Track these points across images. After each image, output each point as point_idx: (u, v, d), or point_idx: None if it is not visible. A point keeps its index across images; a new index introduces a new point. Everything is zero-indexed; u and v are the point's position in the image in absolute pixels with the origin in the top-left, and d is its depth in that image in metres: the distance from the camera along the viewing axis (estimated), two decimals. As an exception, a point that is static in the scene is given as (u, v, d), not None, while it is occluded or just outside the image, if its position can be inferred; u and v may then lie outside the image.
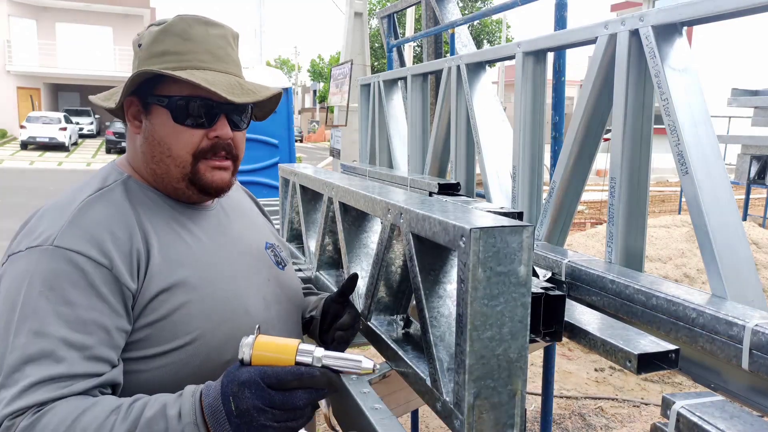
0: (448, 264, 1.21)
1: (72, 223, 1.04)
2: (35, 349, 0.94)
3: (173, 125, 1.13)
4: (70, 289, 0.98)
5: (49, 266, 0.99)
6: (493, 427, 1.01)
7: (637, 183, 1.52)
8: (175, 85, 1.12)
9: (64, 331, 0.96)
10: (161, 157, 1.15)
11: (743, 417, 0.88)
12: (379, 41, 25.26)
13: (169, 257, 1.10)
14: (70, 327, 0.97)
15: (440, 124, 2.54)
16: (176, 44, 1.13)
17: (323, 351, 0.95)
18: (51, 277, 0.99)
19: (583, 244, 6.82)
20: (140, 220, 1.10)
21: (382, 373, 1.44)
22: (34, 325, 0.95)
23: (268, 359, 0.93)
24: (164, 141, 1.14)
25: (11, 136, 28.36)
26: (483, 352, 0.98)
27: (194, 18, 1.15)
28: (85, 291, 0.99)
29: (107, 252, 1.03)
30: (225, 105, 1.14)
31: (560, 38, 1.78)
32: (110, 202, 1.10)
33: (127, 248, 1.05)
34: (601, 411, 4.21)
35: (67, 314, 0.97)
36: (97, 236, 1.03)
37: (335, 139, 6.45)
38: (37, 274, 0.99)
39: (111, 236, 1.04)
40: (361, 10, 11.54)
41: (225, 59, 1.17)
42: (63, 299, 0.98)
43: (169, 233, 1.13)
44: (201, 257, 1.15)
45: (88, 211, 1.07)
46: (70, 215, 1.05)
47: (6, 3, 28.74)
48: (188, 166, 1.14)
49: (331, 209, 1.75)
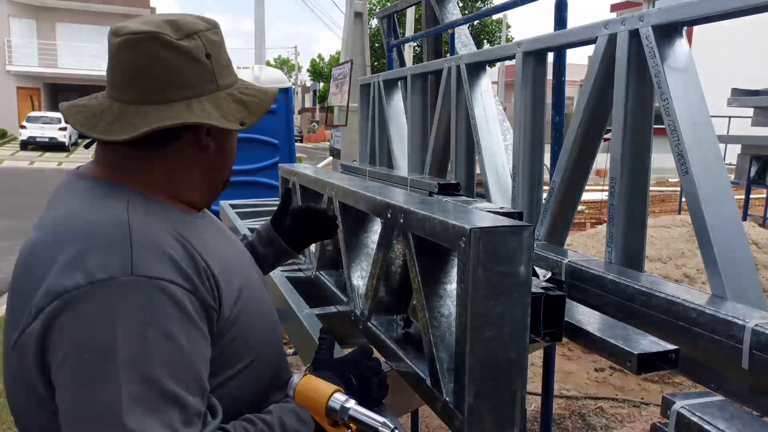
0: (448, 264, 1.21)
1: (139, 247, 0.89)
2: (154, 399, 0.82)
3: (235, 137, 1.14)
4: (168, 323, 0.86)
5: (138, 300, 0.85)
6: (493, 427, 1.01)
7: (637, 183, 1.52)
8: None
9: (177, 371, 0.86)
10: (224, 163, 1.13)
11: (743, 417, 0.88)
12: (379, 41, 25.24)
13: (221, 269, 0.99)
14: (181, 366, 0.87)
15: (440, 124, 2.54)
16: (228, 54, 1.08)
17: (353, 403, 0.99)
18: (145, 311, 0.85)
19: (583, 244, 6.82)
20: (182, 234, 0.97)
21: (382, 373, 1.44)
22: (144, 370, 0.83)
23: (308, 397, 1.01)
24: (232, 148, 1.14)
25: (11, 136, 28.35)
26: (483, 353, 0.98)
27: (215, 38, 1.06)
28: (182, 321, 0.88)
29: (187, 275, 0.91)
30: None
31: (560, 38, 1.78)
32: (152, 219, 0.96)
33: (194, 267, 0.94)
34: (601, 411, 4.21)
35: (175, 352, 0.86)
36: (171, 259, 0.91)
37: (335, 139, 6.45)
38: (125, 311, 0.84)
39: (179, 257, 0.92)
40: (361, 10, 11.54)
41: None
42: (165, 335, 0.86)
43: (204, 243, 1.01)
44: (233, 262, 1.08)
45: (144, 231, 0.92)
46: (128, 238, 0.89)
47: (6, 3, 28.73)
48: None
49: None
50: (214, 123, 0.99)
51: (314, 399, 1.04)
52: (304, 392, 1.05)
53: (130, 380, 0.81)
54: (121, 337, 0.83)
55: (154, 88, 0.98)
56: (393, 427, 0.97)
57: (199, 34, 1.01)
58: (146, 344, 0.84)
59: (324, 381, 1.06)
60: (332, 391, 1.03)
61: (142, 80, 0.98)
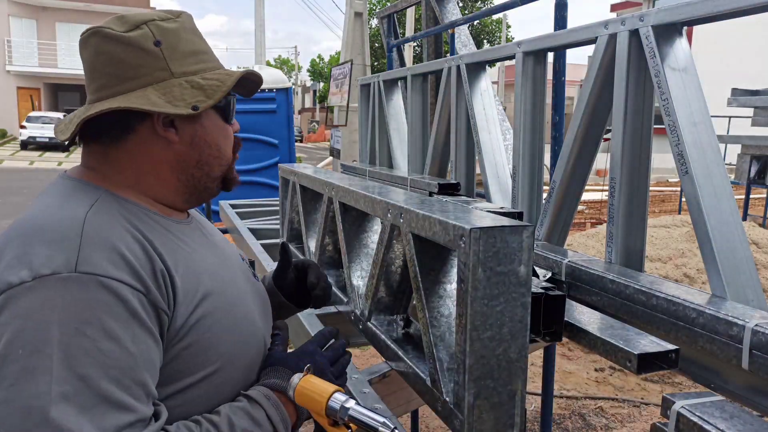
0: (448, 264, 1.21)
1: (88, 244, 0.87)
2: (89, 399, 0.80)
3: (222, 125, 1.08)
4: (111, 322, 0.84)
5: (79, 297, 0.83)
6: (493, 427, 1.01)
7: (637, 183, 1.52)
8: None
9: (117, 372, 0.83)
10: (208, 159, 1.07)
11: (743, 417, 0.88)
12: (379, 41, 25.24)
13: (185, 274, 0.97)
14: (122, 367, 0.84)
15: (440, 124, 2.54)
16: (200, 43, 1.06)
17: (353, 403, 0.99)
18: (87, 309, 0.83)
19: (583, 244, 6.82)
20: (145, 235, 0.95)
21: (382, 373, 1.44)
22: (80, 370, 0.80)
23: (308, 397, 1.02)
24: (216, 142, 1.07)
25: (11, 136, 28.36)
26: (483, 352, 0.98)
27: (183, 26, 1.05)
28: (128, 321, 0.85)
29: (139, 275, 0.88)
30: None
31: (560, 38, 1.78)
32: (112, 218, 0.94)
33: (151, 269, 0.91)
34: (601, 411, 4.21)
35: (116, 353, 0.83)
36: (122, 258, 0.88)
37: (335, 139, 6.45)
38: (67, 308, 0.82)
39: (134, 257, 0.90)
40: (361, 10, 11.54)
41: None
42: (106, 335, 0.83)
43: (171, 246, 0.99)
44: (209, 267, 1.04)
45: (99, 229, 0.90)
46: (79, 234, 0.88)
47: (6, 3, 28.73)
48: (229, 163, 1.11)
49: (331, 209, 1.75)
50: (148, 108, 0.95)
51: (314, 399, 1.04)
52: (303, 392, 1.05)
53: (63, 378, 0.79)
54: (58, 334, 0.80)
55: (104, 83, 0.98)
56: (393, 427, 0.97)
57: (148, 23, 0.99)
58: (84, 342, 0.81)
59: (324, 381, 1.06)
60: (332, 390, 1.03)
61: (94, 76, 0.99)
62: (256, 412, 0.98)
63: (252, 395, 1.00)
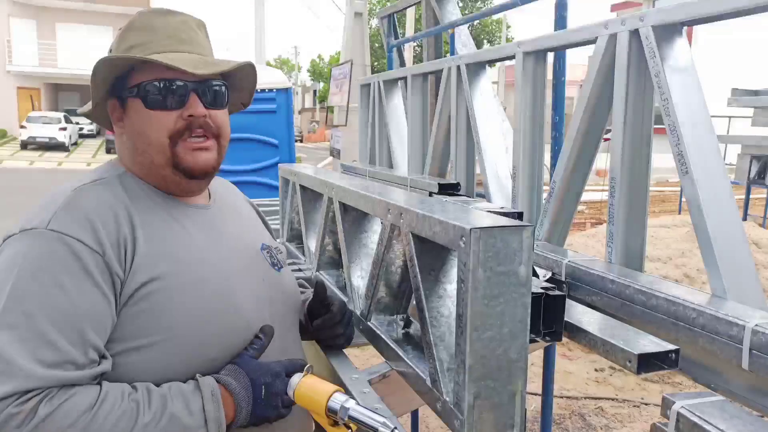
0: (448, 264, 1.21)
1: (65, 209, 1.04)
2: (28, 332, 0.92)
3: (146, 112, 1.14)
4: (63, 274, 0.98)
5: (42, 249, 0.99)
6: (493, 427, 1.01)
7: (637, 183, 1.52)
8: (142, 74, 1.14)
9: (58, 316, 0.95)
10: (143, 147, 1.15)
11: (743, 417, 0.88)
12: (379, 41, 25.21)
13: (156, 250, 1.08)
14: (64, 313, 0.96)
15: (440, 124, 2.54)
16: (139, 37, 1.15)
17: (353, 403, 1.01)
18: (45, 259, 0.98)
19: (583, 244, 6.82)
20: (130, 211, 1.10)
21: (382, 373, 1.44)
22: (26, 307, 0.94)
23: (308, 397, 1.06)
24: (142, 130, 1.15)
25: (11, 136, 28.35)
26: (483, 352, 0.98)
27: (154, 10, 1.19)
28: (79, 276, 0.99)
29: (100, 239, 1.03)
30: (193, 83, 1.14)
31: (560, 38, 1.78)
32: (102, 192, 1.11)
33: (115, 237, 1.05)
34: (601, 411, 4.21)
35: (61, 300, 0.96)
36: (89, 223, 1.03)
37: (335, 139, 6.45)
38: (30, 256, 0.99)
39: (102, 224, 1.04)
40: (361, 10, 11.54)
41: (189, 42, 1.18)
42: (56, 283, 0.97)
43: (161, 227, 1.12)
44: (192, 253, 1.14)
45: (80, 198, 1.07)
46: (63, 201, 1.06)
47: (6, 3, 28.72)
48: (167, 150, 1.14)
49: (331, 209, 1.75)
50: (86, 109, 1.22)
51: (314, 399, 1.04)
52: (303, 392, 1.05)
53: (10, 311, 0.94)
54: (16, 275, 0.97)
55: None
56: (393, 427, 0.97)
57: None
58: (34, 285, 0.96)
59: (324, 381, 1.06)
60: (332, 391, 1.03)
61: None
62: (194, 402, 1.02)
63: (200, 383, 1.05)
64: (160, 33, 1.15)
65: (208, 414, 1.02)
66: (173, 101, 1.13)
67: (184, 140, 1.15)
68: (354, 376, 1.37)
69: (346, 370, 1.40)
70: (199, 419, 1.01)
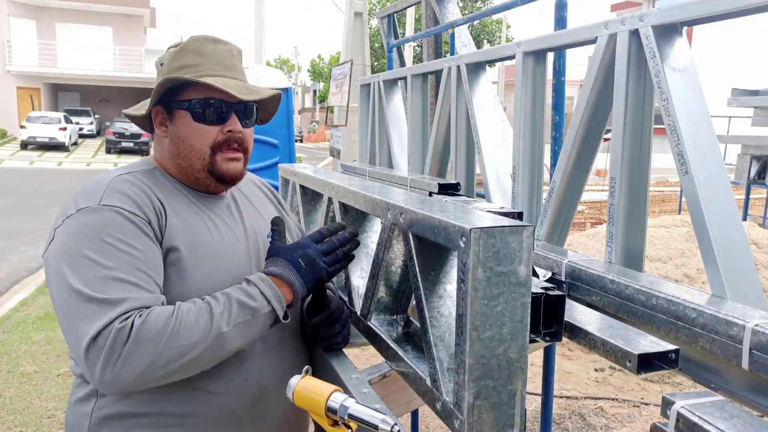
0: (448, 264, 1.21)
1: (110, 192, 1.27)
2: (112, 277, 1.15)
3: (193, 124, 1.35)
4: (124, 234, 1.21)
5: (103, 218, 1.22)
6: (493, 426, 1.01)
7: (637, 183, 1.52)
8: (193, 91, 1.35)
9: (134, 261, 1.19)
10: (185, 153, 1.37)
11: (743, 417, 0.88)
12: (379, 41, 25.22)
13: (180, 225, 1.30)
14: (135, 260, 1.19)
15: (440, 124, 2.54)
16: (192, 59, 1.36)
17: (353, 402, 1.03)
18: (108, 225, 1.21)
19: (583, 244, 6.82)
20: (158, 194, 1.32)
21: (382, 373, 1.44)
22: (106, 261, 1.17)
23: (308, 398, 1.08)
24: (187, 138, 1.36)
25: (11, 136, 28.34)
26: (483, 352, 0.98)
27: (205, 37, 1.40)
28: (137, 234, 1.22)
29: (143, 209, 1.26)
30: (235, 104, 1.37)
31: (560, 38, 1.78)
32: (136, 180, 1.33)
33: (152, 208, 1.28)
34: (601, 411, 4.21)
35: (131, 251, 1.20)
36: (131, 199, 1.26)
37: (335, 139, 6.45)
38: (93, 225, 1.21)
39: (140, 200, 1.27)
40: (361, 10, 11.54)
41: (233, 68, 1.40)
42: (121, 241, 1.20)
43: (182, 208, 1.35)
44: (207, 232, 1.35)
45: (119, 184, 1.29)
46: (107, 186, 1.28)
47: (6, 3, 28.72)
48: (207, 158, 1.36)
49: (331, 209, 1.75)
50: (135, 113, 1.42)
51: (313, 399, 1.04)
52: (303, 393, 1.05)
53: (96, 265, 1.16)
54: (89, 238, 1.19)
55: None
56: (393, 423, 0.97)
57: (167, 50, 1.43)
58: (105, 246, 1.19)
59: (323, 381, 1.06)
60: (331, 390, 1.03)
61: None
62: (251, 289, 1.24)
63: (249, 278, 1.26)
64: (209, 58, 1.36)
65: (266, 294, 1.23)
66: (217, 118, 1.36)
67: (222, 151, 1.37)
68: (354, 376, 1.37)
69: (346, 370, 1.40)
70: (261, 301, 1.23)
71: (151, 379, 1.13)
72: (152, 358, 1.11)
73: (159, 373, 1.13)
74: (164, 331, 1.12)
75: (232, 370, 1.32)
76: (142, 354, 1.11)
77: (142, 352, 1.11)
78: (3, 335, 5.36)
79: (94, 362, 1.10)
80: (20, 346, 5.13)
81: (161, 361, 1.12)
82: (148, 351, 1.11)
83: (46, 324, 5.64)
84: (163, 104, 1.38)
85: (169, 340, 1.12)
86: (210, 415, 1.32)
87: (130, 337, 1.10)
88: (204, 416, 1.31)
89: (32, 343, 5.18)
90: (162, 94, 1.36)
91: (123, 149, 25.24)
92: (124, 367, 1.10)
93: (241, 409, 1.35)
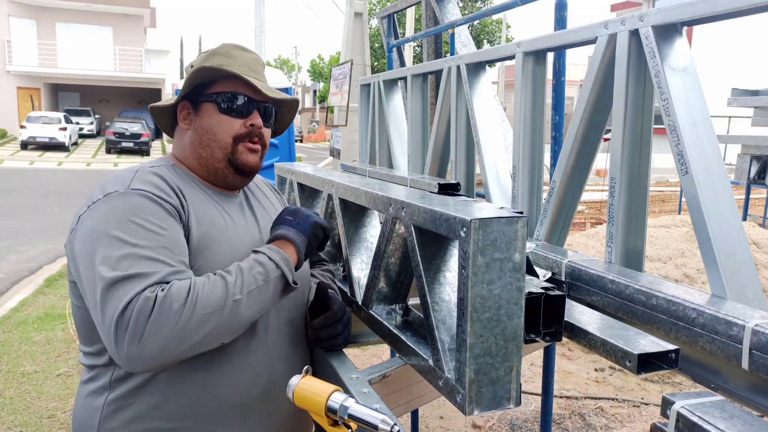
0: (447, 254, 1.27)
1: (137, 179, 1.33)
2: (142, 254, 1.20)
3: (219, 115, 1.43)
4: (151, 215, 1.26)
5: (131, 202, 1.27)
6: (491, 399, 1.08)
7: (637, 183, 1.52)
8: (222, 86, 1.44)
9: (159, 240, 1.23)
10: (208, 142, 1.44)
11: (743, 417, 0.88)
12: (379, 41, 25.24)
13: (199, 214, 1.37)
14: (162, 238, 1.24)
15: (440, 124, 2.54)
16: (222, 60, 1.44)
17: (353, 401, 1.05)
18: (136, 208, 1.26)
19: (583, 244, 6.82)
20: (180, 187, 1.38)
21: (381, 374, 1.45)
22: (133, 239, 1.21)
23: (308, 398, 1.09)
24: (211, 128, 1.44)
25: (11, 136, 28.35)
26: (482, 332, 1.05)
27: (234, 44, 1.51)
28: (163, 215, 1.28)
29: (165, 191, 1.33)
30: (258, 102, 1.46)
31: (560, 38, 1.78)
32: (158, 173, 1.39)
33: (175, 194, 1.34)
34: (601, 411, 4.21)
35: (158, 230, 1.24)
36: (157, 187, 1.33)
37: (335, 139, 6.45)
38: (122, 208, 1.26)
39: (165, 187, 1.34)
40: (361, 10, 11.53)
41: (257, 73, 1.50)
42: (149, 222, 1.25)
43: (201, 199, 1.41)
44: (224, 224, 1.41)
45: (144, 174, 1.36)
46: (134, 175, 1.35)
47: (6, 3, 28.73)
48: (229, 147, 1.44)
49: (330, 205, 1.77)
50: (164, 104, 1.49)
51: (313, 399, 1.04)
52: (303, 393, 1.06)
53: (125, 244, 1.21)
54: (117, 220, 1.24)
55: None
56: (393, 423, 0.97)
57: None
58: (133, 227, 1.23)
59: (323, 381, 1.07)
60: (331, 390, 1.03)
61: None
62: (259, 257, 1.30)
63: (257, 249, 1.33)
64: (238, 61, 1.46)
65: (274, 258, 1.29)
66: (241, 112, 1.44)
67: (244, 143, 1.45)
68: (354, 376, 1.37)
69: (346, 370, 1.41)
70: (270, 265, 1.29)
71: (173, 353, 1.16)
72: (174, 331, 1.14)
73: (181, 347, 1.16)
74: (184, 304, 1.16)
75: (242, 363, 1.35)
76: (165, 326, 1.14)
77: (165, 324, 1.14)
78: (3, 335, 5.36)
79: (122, 337, 1.13)
80: (20, 346, 5.13)
81: (182, 334, 1.16)
82: (170, 324, 1.14)
83: (46, 324, 5.64)
84: (189, 99, 1.47)
85: (187, 312, 1.16)
86: (221, 407, 1.34)
87: (153, 310, 1.14)
88: (215, 408, 1.33)
89: (32, 343, 5.18)
90: (191, 88, 1.44)
91: (123, 149, 25.26)
92: (149, 339, 1.13)
93: (251, 402, 1.37)
